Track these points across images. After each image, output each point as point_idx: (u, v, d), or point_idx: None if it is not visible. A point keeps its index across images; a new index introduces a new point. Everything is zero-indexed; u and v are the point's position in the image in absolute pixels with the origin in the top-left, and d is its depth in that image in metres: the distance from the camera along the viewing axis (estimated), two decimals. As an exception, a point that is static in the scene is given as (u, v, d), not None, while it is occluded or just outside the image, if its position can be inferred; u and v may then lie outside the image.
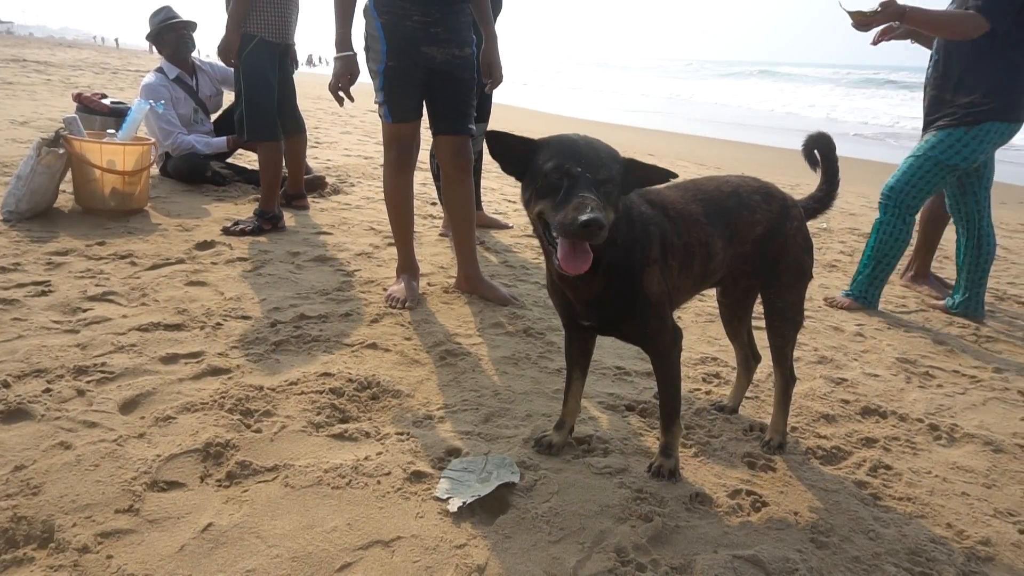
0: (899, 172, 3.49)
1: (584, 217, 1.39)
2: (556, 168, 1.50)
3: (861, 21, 3.23)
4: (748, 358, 2.32)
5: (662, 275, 1.76)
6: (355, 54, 2.96)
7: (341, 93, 2.99)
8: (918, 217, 3.98)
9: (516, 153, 1.64)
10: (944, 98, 3.37)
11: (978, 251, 3.54)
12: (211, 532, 1.59)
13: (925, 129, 3.50)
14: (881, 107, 21.06)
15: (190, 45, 5.17)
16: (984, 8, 3.08)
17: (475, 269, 3.30)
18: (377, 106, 3.03)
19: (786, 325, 2.04)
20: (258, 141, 4.08)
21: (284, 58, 4.24)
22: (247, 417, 2.08)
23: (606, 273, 1.68)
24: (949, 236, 5.54)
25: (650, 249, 1.74)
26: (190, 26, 5.16)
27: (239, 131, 4.10)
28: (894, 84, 31.68)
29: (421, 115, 3.10)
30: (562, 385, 2.04)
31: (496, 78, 3.23)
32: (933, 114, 3.44)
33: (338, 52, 2.94)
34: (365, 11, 2.93)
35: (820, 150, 2.21)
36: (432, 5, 2.91)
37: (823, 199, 2.19)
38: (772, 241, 1.97)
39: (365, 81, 3.08)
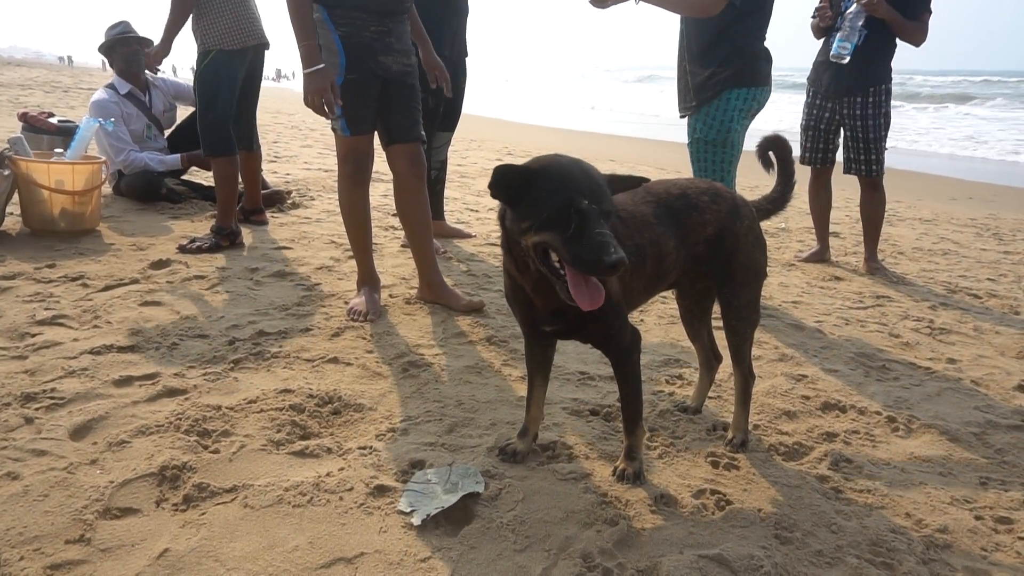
0: (692, 163, 3.46)
1: (612, 259, 1.43)
2: (565, 202, 1.49)
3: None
4: (710, 358, 2.34)
5: (618, 276, 1.77)
6: (326, 65, 2.83)
7: (327, 105, 2.82)
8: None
9: (513, 184, 1.57)
10: (688, 71, 3.37)
11: None
12: (167, 558, 1.54)
13: (686, 107, 3.47)
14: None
15: (143, 62, 5.07)
16: None
17: (438, 276, 3.28)
18: (332, 119, 2.99)
19: (742, 324, 2.06)
20: (214, 156, 4.02)
21: (255, 61, 4.16)
22: (204, 438, 2.03)
23: None
24: (901, 231, 5.69)
25: None
26: (145, 43, 5.04)
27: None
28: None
29: (376, 127, 3.08)
30: (526, 393, 2.04)
31: (444, 77, 3.29)
32: (682, 92, 3.43)
33: (309, 67, 2.78)
34: (316, 23, 2.88)
35: (775, 152, 2.25)
36: (386, 16, 2.92)
37: (777, 200, 2.23)
38: (723, 241, 1.99)
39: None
